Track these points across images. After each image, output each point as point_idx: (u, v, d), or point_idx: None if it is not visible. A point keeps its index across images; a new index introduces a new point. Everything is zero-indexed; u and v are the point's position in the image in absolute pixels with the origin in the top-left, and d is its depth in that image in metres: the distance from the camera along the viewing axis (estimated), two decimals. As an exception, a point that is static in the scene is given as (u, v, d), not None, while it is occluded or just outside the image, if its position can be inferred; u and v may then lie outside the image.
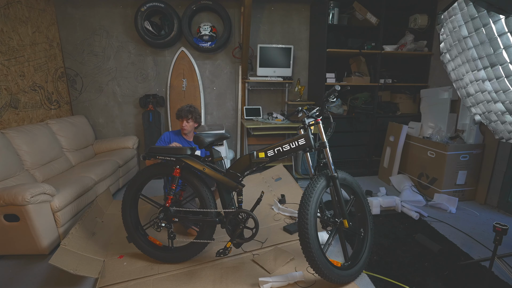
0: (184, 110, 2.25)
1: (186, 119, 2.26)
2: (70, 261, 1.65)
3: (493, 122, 1.77)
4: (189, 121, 2.27)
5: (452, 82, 1.94)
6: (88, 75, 3.52)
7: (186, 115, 2.25)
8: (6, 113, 2.55)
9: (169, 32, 3.37)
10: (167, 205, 1.77)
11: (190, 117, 2.26)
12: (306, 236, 1.48)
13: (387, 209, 2.59)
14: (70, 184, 2.28)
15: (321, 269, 1.49)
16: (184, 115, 2.25)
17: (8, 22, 2.61)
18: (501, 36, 1.39)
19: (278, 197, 2.68)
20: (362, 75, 3.46)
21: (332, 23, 3.26)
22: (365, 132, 3.53)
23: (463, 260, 1.87)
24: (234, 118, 3.93)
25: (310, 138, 1.64)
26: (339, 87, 1.62)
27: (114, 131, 3.74)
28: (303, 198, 1.55)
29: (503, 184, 2.58)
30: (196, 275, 1.74)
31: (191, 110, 2.26)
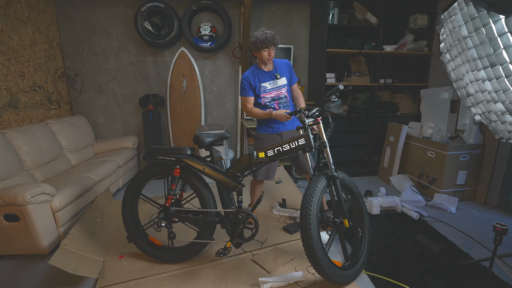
0: (268, 37, 1.89)
1: (272, 46, 1.94)
2: (70, 261, 1.65)
3: (493, 122, 1.77)
4: (273, 48, 1.96)
5: (452, 82, 1.94)
6: (88, 75, 3.52)
7: (273, 42, 1.92)
8: (6, 113, 2.55)
9: (169, 32, 3.37)
10: (167, 205, 1.77)
11: (276, 42, 1.94)
12: (309, 236, 1.46)
13: (387, 209, 2.59)
14: (70, 184, 2.28)
15: (325, 270, 1.48)
16: (271, 42, 1.91)
17: (8, 22, 2.61)
18: (501, 36, 1.39)
19: (279, 201, 2.67)
20: (362, 75, 3.46)
21: (332, 23, 3.26)
22: (365, 132, 3.53)
23: (463, 260, 1.87)
24: (234, 118, 3.93)
25: (310, 138, 1.64)
26: (342, 86, 1.58)
27: (114, 131, 3.74)
28: (305, 198, 1.54)
29: (503, 184, 2.58)
30: (196, 275, 1.74)
31: (273, 35, 1.92)
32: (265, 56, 1.97)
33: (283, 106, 2.13)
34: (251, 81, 2.06)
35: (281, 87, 2.10)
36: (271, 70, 2.10)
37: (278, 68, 2.10)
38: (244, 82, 2.07)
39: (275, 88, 2.09)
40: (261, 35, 1.91)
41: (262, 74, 2.08)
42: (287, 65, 2.15)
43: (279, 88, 2.10)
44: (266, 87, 2.08)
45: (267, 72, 2.08)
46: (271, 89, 2.09)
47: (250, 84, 2.07)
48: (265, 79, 2.07)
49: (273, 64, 2.10)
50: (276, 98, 2.11)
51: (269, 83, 2.08)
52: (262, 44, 1.91)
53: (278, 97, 2.11)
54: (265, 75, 2.08)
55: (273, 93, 2.10)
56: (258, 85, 2.07)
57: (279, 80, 2.09)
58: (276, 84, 2.09)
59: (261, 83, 2.07)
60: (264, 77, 2.07)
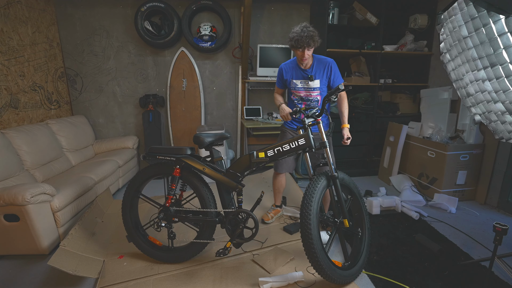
0: (303, 37, 1.77)
1: (307, 48, 1.81)
2: (69, 261, 1.65)
3: (493, 122, 1.77)
4: (310, 49, 1.84)
5: (452, 82, 1.94)
6: (88, 75, 3.52)
7: (309, 44, 1.79)
8: (6, 113, 2.55)
9: (169, 32, 3.37)
10: (167, 205, 1.77)
11: (312, 44, 1.81)
12: (309, 237, 1.46)
13: (387, 209, 2.59)
14: (70, 184, 2.28)
15: (325, 270, 1.47)
16: (305, 43, 1.78)
17: (8, 22, 2.61)
18: (501, 36, 1.39)
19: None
20: (362, 75, 3.46)
21: (332, 23, 3.25)
22: (365, 132, 3.53)
23: (463, 260, 1.87)
24: (234, 118, 3.93)
25: (310, 138, 1.63)
26: (342, 86, 1.56)
27: (114, 131, 3.74)
28: (305, 198, 1.54)
29: (503, 184, 2.58)
30: (196, 275, 1.74)
31: (311, 35, 1.78)
32: (299, 55, 1.88)
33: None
34: (284, 73, 2.05)
35: (312, 90, 1.99)
36: (307, 69, 1.97)
37: (317, 67, 1.96)
38: (278, 72, 2.08)
39: (306, 88, 2.01)
40: (297, 34, 1.79)
41: (297, 70, 1.99)
42: (328, 65, 1.96)
43: (309, 90, 2.00)
44: (296, 84, 2.02)
45: (302, 70, 1.98)
46: (301, 88, 2.01)
47: (282, 76, 2.06)
48: (298, 76, 2.00)
49: (313, 61, 1.97)
50: (305, 99, 2.03)
51: (300, 81, 2.00)
52: (297, 43, 1.81)
53: (307, 98, 2.02)
54: (299, 72, 1.99)
55: (302, 93, 2.02)
56: (289, 80, 2.03)
57: (312, 82, 1.96)
58: (307, 85, 1.99)
59: (293, 79, 2.01)
60: (297, 74, 2.00)
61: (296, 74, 2.01)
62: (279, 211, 2.43)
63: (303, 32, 1.78)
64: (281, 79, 2.08)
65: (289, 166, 2.20)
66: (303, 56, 1.87)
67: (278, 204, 2.43)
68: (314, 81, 1.97)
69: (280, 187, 2.33)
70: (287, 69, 2.04)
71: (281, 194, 2.40)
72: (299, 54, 1.88)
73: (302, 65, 1.97)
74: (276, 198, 2.41)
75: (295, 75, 2.01)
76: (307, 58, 1.89)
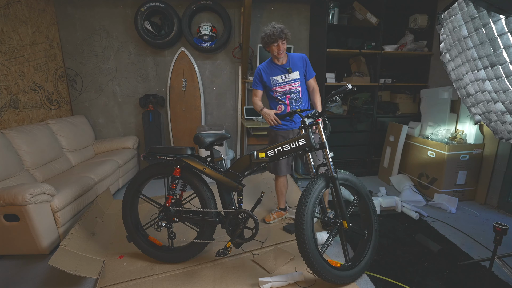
0: (275, 30, 1.91)
1: (281, 40, 1.94)
2: (69, 261, 1.65)
3: (493, 122, 1.77)
4: (283, 42, 1.96)
5: (452, 82, 1.94)
6: (88, 75, 3.52)
7: (281, 36, 1.92)
8: (6, 113, 2.55)
9: (169, 32, 3.37)
10: (167, 205, 1.77)
11: (284, 37, 1.94)
12: (302, 236, 1.49)
13: (387, 209, 2.59)
14: (70, 184, 2.28)
15: (317, 269, 1.50)
16: (278, 36, 1.91)
17: (8, 22, 2.61)
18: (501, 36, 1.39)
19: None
20: (362, 75, 3.46)
21: (332, 23, 3.25)
22: (365, 132, 3.53)
23: (463, 260, 1.87)
24: (234, 118, 3.93)
25: (311, 138, 1.63)
26: (350, 86, 1.53)
27: (114, 131, 3.74)
28: (301, 198, 1.55)
29: (503, 184, 2.58)
30: (196, 275, 1.74)
31: (281, 28, 1.93)
32: (275, 50, 1.98)
33: (296, 101, 2.11)
34: (263, 74, 2.09)
35: (293, 81, 2.09)
36: (284, 63, 2.08)
37: (292, 61, 2.08)
38: (255, 75, 2.11)
39: (287, 82, 2.08)
40: (269, 30, 1.92)
41: (274, 68, 2.09)
42: (303, 59, 2.12)
43: (291, 82, 2.09)
44: (277, 80, 2.08)
45: (279, 66, 2.08)
46: (283, 83, 2.08)
47: (261, 77, 2.09)
48: (276, 72, 2.08)
49: (288, 57, 2.09)
50: (288, 92, 2.10)
51: (281, 76, 2.07)
52: (270, 38, 1.92)
53: (289, 91, 2.10)
54: (277, 69, 2.08)
55: (284, 87, 2.09)
56: (269, 78, 2.08)
57: (291, 74, 2.07)
58: (287, 78, 2.08)
59: (271, 76, 2.07)
60: (275, 71, 2.08)
61: (275, 71, 2.09)
62: (282, 214, 2.42)
63: (273, 28, 1.92)
64: (260, 80, 2.12)
65: (289, 167, 2.23)
66: (279, 50, 1.97)
67: (282, 207, 2.41)
68: (293, 73, 2.08)
69: (283, 189, 2.33)
70: (264, 69, 2.10)
71: (285, 196, 2.39)
72: (274, 49, 1.98)
73: (278, 61, 2.08)
74: (280, 201, 2.40)
75: (273, 72, 2.09)
76: (283, 51, 1.99)
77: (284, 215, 2.43)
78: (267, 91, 2.16)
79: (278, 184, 2.32)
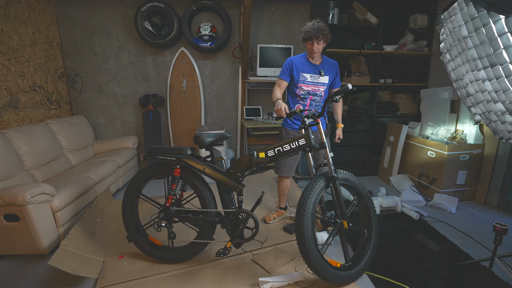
0: (313, 29, 1.87)
1: (317, 41, 1.90)
2: (69, 261, 1.65)
3: (493, 122, 1.77)
4: (319, 42, 1.92)
5: (452, 82, 1.94)
6: (88, 75, 3.52)
7: (317, 36, 1.88)
8: (6, 113, 2.55)
9: (169, 32, 3.37)
10: (167, 205, 1.77)
11: (321, 37, 1.89)
12: (302, 236, 1.49)
13: (387, 209, 2.59)
14: (70, 184, 2.28)
15: (318, 269, 1.50)
16: (314, 36, 1.87)
17: (8, 22, 2.61)
18: (501, 36, 1.40)
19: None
20: (362, 75, 3.46)
21: (332, 23, 3.25)
22: (365, 132, 3.53)
23: (463, 260, 1.87)
24: (234, 118, 3.93)
25: (311, 138, 1.63)
26: (351, 86, 1.54)
27: (114, 131, 3.74)
28: (301, 198, 1.55)
29: (503, 184, 2.58)
30: (196, 275, 1.74)
31: (321, 28, 1.88)
32: (309, 48, 1.96)
33: (316, 104, 2.10)
34: (293, 66, 2.04)
35: (321, 85, 2.08)
36: (317, 64, 2.06)
37: (326, 65, 2.07)
38: (286, 64, 2.06)
39: (315, 83, 2.07)
40: (309, 27, 1.89)
41: (307, 64, 2.05)
42: (336, 66, 2.12)
43: (318, 85, 2.08)
44: (306, 78, 2.05)
45: (313, 64, 2.06)
46: (310, 82, 2.06)
47: (291, 69, 2.05)
48: (308, 70, 2.05)
49: (322, 59, 2.08)
50: (312, 94, 2.09)
51: (311, 75, 2.05)
52: (307, 35, 1.90)
53: (314, 92, 2.09)
54: (310, 67, 2.05)
55: (310, 87, 2.07)
56: (299, 73, 2.05)
57: (322, 77, 2.06)
58: (317, 79, 2.06)
59: (302, 72, 2.05)
60: (307, 68, 2.05)
61: (306, 68, 2.05)
62: (282, 213, 2.42)
63: (314, 25, 1.89)
64: (289, 70, 2.06)
65: (292, 168, 2.21)
66: (312, 49, 1.94)
67: (283, 206, 2.42)
68: (324, 77, 2.06)
69: (286, 189, 2.33)
70: (296, 62, 2.05)
71: (286, 196, 2.39)
72: (308, 47, 1.96)
73: (312, 59, 2.05)
74: (281, 200, 2.40)
75: (305, 69, 2.05)
76: (317, 51, 1.96)
77: (285, 214, 2.43)
78: (291, 86, 2.11)
79: (281, 184, 2.31)
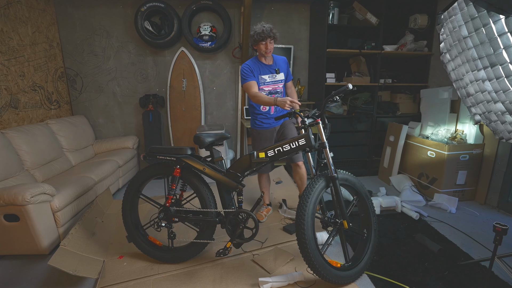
0: (265, 29, 1.94)
1: (269, 39, 1.98)
2: (69, 261, 1.65)
3: (493, 122, 1.77)
4: (271, 41, 2.00)
5: (452, 82, 1.94)
6: (88, 75, 3.52)
7: (270, 35, 1.96)
8: (6, 113, 2.55)
9: (169, 32, 3.36)
10: (167, 205, 1.77)
11: (273, 36, 1.98)
12: (303, 236, 1.49)
13: (387, 209, 2.59)
14: (70, 184, 2.28)
15: (318, 269, 1.49)
16: (267, 35, 1.95)
17: (8, 22, 2.61)
18: (501, 36, 1.40)
19: (279, 201, 2.67)
20: (362, 75, 3.46)
21: (332, 23, 3.25)
22: (365, 132, 3.53)
23: (463, 260, 1.87)
24: (234, 118, 3.93)
25: (311, 138, 1.64)
26: (351, 86, 1.53)
27: (114, 131, 3.74)
28: (301, 198, 1.55)
29: (503, 184, 2.58)
30: (196, 275, 1.74)
31: (271, 28, 1.96)
32: (263, 48, 2.01)
33: None
34: (252, 69, 2.07)
35: (279, 82, 2.16)
36: (271, 64, 2.14)
37: (278, 63, 2.16)
38: (244, 69, 2.06)
39: (274, 82, 2.14)
40: (258, 28, 1.97)
41: (262, 66, 2.11)
42: (285, 61, 2.21)
43: (277, 83, 2.15)
44: (265, 79, 2.11)
45: (267, 65, 2.12)
46: (270, 82, 2.13)
47: (252, 71, 2.06)
48: (265, 71, 2.11)
49: (273, 59, 2.15)
50: (273, 92, 2.15)
51: (269, 76, 2.12)
52: (259, 36, 1.96)
53: (275, 91, 2.15)
54: (265, 68, 2.12)
55: (270, 87, 2.14)
56: (257, 76, 2.09)
57: (278, 75, 2.14)
58: (274, 78, 2.14)
59: (261, 75, 2.10)
60: (264, 70, 2.11)
61: (263, 70, 2.11)
62: (270, 209, 2.53)
63: (263, 27, 1.96)
64: (251, 73, 2.04)
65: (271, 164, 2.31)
66: (267, 48, 2.00)
67: (268, 202, 2.54)
68: (280, 74, 2.15)
69: (268, 185, 2.42)
70: (252, 66, 2.08)
71: (269, 192, 2.52)
72: (262, 48, 2.01)
73: (265, 61, 2.11)
74: (265, 197, 2.51)
75: (262, 71, 2.10)
76: (270, 50, 2.02)
77: (271, 209, 2.53)
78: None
79: (261, 181, 2.39)
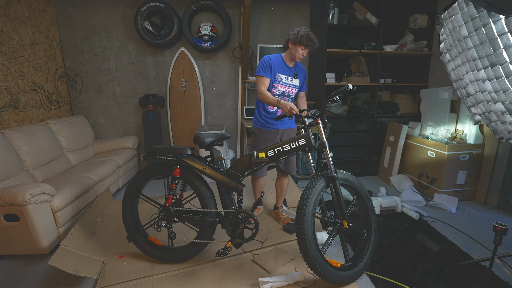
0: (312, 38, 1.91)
1: (308, 49, 1.96)
2: (69, 261, 1.65)
3: (493, 122, 1.77)
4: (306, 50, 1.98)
5: (452, 82, 1.94)
6: (88, 75, 3.52)
7: (313, 46, 1.94)
8: (6, 113, 2.55)
9: (169, 32, 3.36)
10: (167, 205, 1.77)
11: (312, 47, 1.95)
12: (303, 236, 1.49)
13: (387, 209, 2.59)
14: (70, 184, 2.28)
15: (318, 269, 1.49)
16: (311, 45, 1.93)
17: (8, 22, 2.61)
18: (501, 36, 1.40)
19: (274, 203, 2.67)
20: (362, 75, 3.46)
21: (332, 23, 3.25)
22: (365, 132, 3.53)
23: (463, 260, 1.87)
24: (234, 118, 3.93)
25: (311, 138, 1.64)
26: (351, 86, 1.54)
27: (114, 131, 3.74)
28: (302, 198, 1.55)
29: (503, 184, 2.58)
30: (196, 275, 1.74)
31: (315, 40, 1.94)
32: (299, 51, 1.97)
33: None
34: (272, 64, 2.04)
35: (293, 86, 2.14)
36: (292, 67, 2.12)
37: (298, 69, 2.15)
38: (264, 61, 2.03)
39: (288, 84, 2.12)
40: (306, 33, 1.91)
41: (283, 65, 2.08)
42: (304, 71, 2.20)
43: (291, 87, 2.13)
44: (281, 78, 2.09)
45: (288, 67, 2.10)
46: (285, 84, 2.11)
47: (270, 66, 2.04)
48: (284, 71, 2.09)
49: (295, 64, 2.14)
50: (286, 94, 2.13)
51: (286, 77, 2.10)
52: (305, 41, 1.91)
53: (288, 93, 2.14)
54: (286, 68, 2.09)
55: (284, 88, 2.12)
56: (275, 73, 2.06)
57: (295, 80, 2.12)
58: (290, 81, 2.12)
59: (278, 72, 2.07)
60: (284, 69, 2.09)
61: (282, 68, 2.08)
62: (260, 208, 2.59)
63: (310, 35, 1.92)
64: (268, 68, 2.02)
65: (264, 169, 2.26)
66: (301, 54, 1.99)
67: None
68: (296, 79, 2.13)
69: (261, 188, 2.37)
70: (273, 61, 2.06)
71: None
72: (299, 51, 1.97)
73: (289, 62, 2.09)
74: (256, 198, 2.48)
75: (281, 69, 2.08)
76: (302, 58, 2.02)
77: (262, 208, 2.59)
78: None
79: (255, 184, 2.34)
